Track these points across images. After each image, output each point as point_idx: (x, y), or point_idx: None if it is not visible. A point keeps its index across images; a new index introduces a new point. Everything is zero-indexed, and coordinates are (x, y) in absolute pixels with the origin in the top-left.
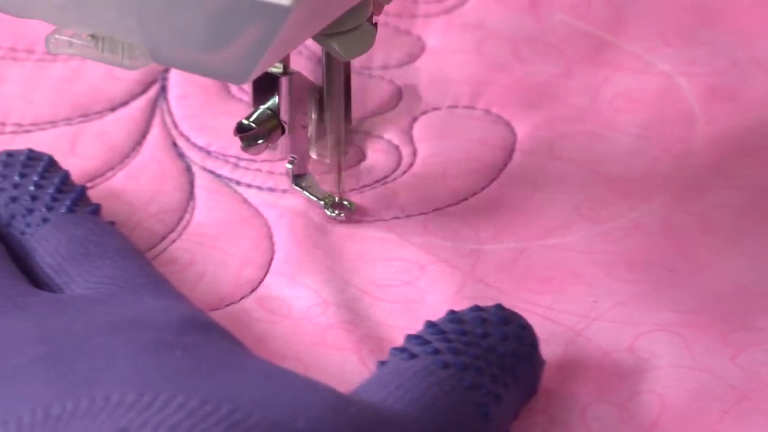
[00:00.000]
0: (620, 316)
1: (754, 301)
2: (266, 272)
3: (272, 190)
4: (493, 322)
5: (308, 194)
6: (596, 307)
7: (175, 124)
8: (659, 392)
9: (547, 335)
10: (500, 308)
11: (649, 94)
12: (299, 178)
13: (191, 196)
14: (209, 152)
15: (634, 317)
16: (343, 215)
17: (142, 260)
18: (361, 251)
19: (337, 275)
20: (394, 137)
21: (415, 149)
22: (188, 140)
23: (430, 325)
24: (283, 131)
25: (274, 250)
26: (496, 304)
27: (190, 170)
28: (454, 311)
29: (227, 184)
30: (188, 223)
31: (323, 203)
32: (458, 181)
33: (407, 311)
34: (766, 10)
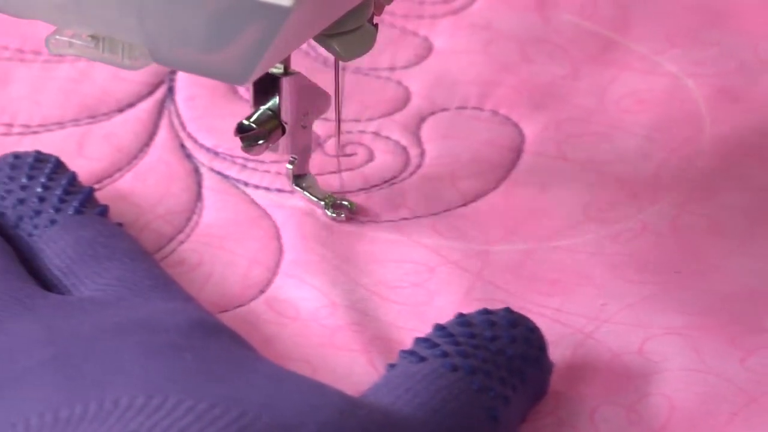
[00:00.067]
0: (629, 318)
1: (763, 302)
2: (274, 274)
3: (280, 191)
4: (501, 325)
5: (308, 194)
6: (605, 309)
7: (182, 125)
8: (668, 395)
9: (556, 338)
10: (509, 311)
11: (656, 94)
12: (299, 178)
13: (199, 197)
14: (217, 153)
15: (643, 320)
16: (343, 215)
17: (150, 262)
18: (369, 252)
19: (345, 276)
20: (401, 138)
21: (423, 150)
22: (196, 141)
23: (438, 328)
24: (283, 132)
25: (282, 251)
26: (504, 307)
27: (197, 171)
28: (462, 314)
29: (235, 185)
30: (196, 224)
31: (323, 203)
32: (466, 182)
33: (416, 313)
34: None
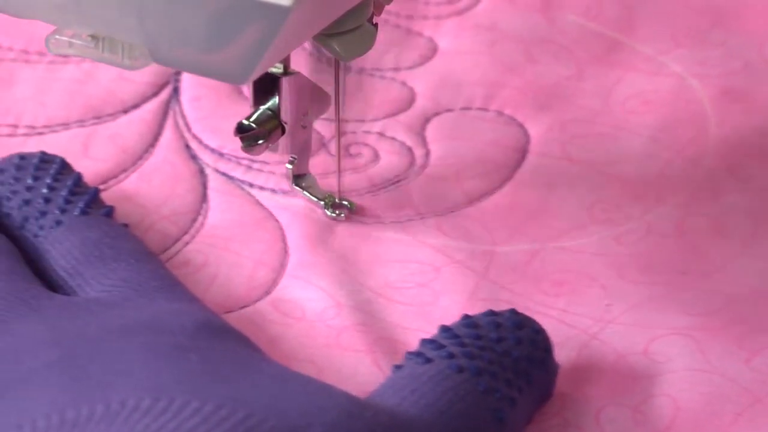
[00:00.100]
0: (634, 319)
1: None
2: (280, 274)
3: (285, 192)
4: (507, 326)
5: (308, 194)
6: (610, 310)
7: (187, 126)
8: (673, 395)
9: (561, 339)
10: (514, 312)
11: (661, 95)
12: (299, 178)
13: (204, 198)
14: (222, 154)
15: (648, 320)
16: (343, 215)
17: (156, 263)
18: (375, 253)
19: (350, 277)
20: (406, 139)
21: (428, 151)
22: (201, 142)
23: (444, 329)
24: (283, 131)
25: (287, 252)
26: (510, 308)
27: (203, 172)
28: (468, 315)
29: (240, 186)
30: (201, 225)
31: (323, 203)
32: (471, 182)
33: (421, 313)
34: None
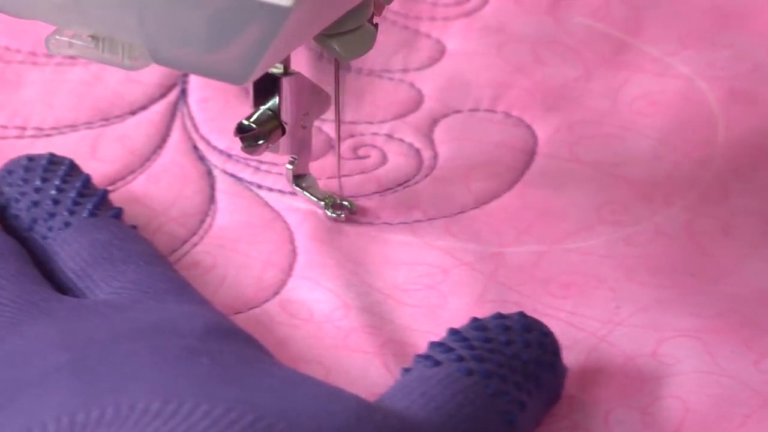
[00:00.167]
0: (643, 321)
1: None
2: (288, 276)
3: (294, 194)
4: (516, 329)
5: (308, 194)
6: (619, 312)
7: (195, 127)
8: (682, 397)
9: (570, 341)
10: (523, 315)
11: (669, 97)
12: (299, 178)
13: (212, 199)
14: (230, 155)
15: (656, 323)
16: (343, 215)
17: (165, 265)
18: (383, 255)
19: (359, 279)
20: (414, 140)
21: (436, 152)
22: (208, 143)
23: (453, 332)
24: (283, 132)
25: (296, 253)
26: (518, 311)
27: (210, 174)
28: (477, 318)
29: (248, 187)
30: (210, 226)
31: (323, 204)
32: (479, 184)
33: (430, 315)
34: None
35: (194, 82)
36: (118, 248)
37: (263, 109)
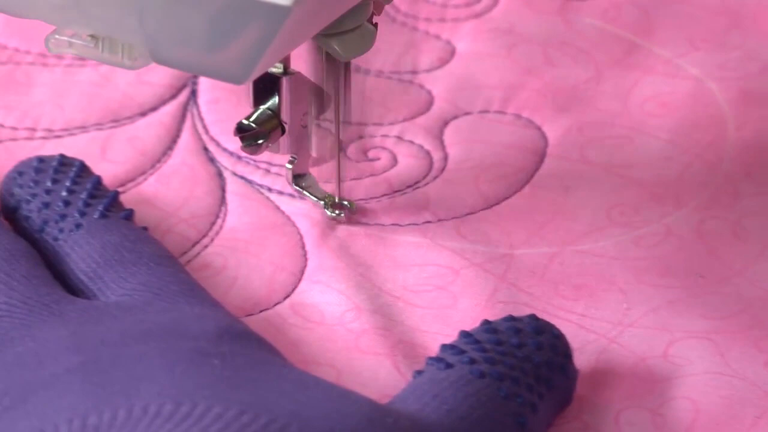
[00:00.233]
0: (653, 322)
1: None
2: (299, 278)
3: (303, 197)
4: (527, 332)
5: (308, 194)
6: (629, 314)
7: (205, 128)
8: (693, 398)
9: (580, 343)
10: (534, 318)
11: (679, 98)
12: (299, 178)
13: (223, 201)
14: (240, 157)
15: (667, 324)
16: (343, 215)
17: (176, 266)
18: (393, 256)
19: (369, 281)
20: (425, 142)
21: (446, 154)
22: (219, 145)
23: (465, 335)
24: (283, 131)
25: (306, 256)
26: (529, 314)
27: (221, 175)
28: (488, 321)
29: (258, 190)
30: (220, 228)
31: (323, 203)
32: (490, 185)
33: (441, 316)
34: None
35: (204, 83)
36: (129, 250)
37: (263, 108)
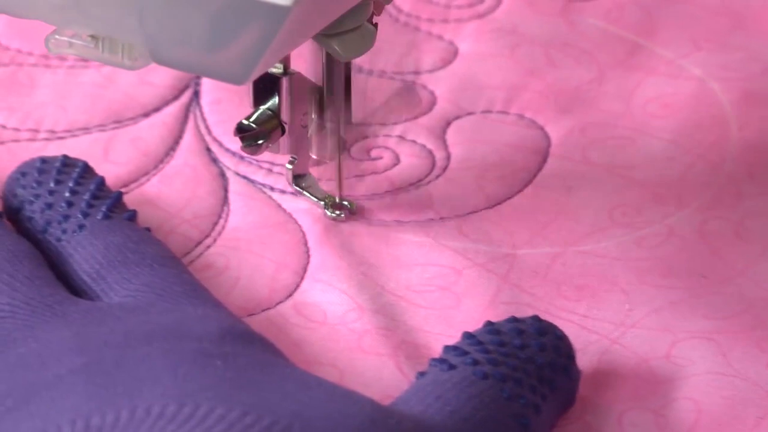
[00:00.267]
0: (656, 323)
1: None
2: (302, 278)
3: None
4: (530, 333)
5: (308, 194)
6: (632, 314)
7: (208, 129)
8: (695, 399)
9: (583, 344)
10: (537, 319)
11: (682, 98)
12: (299, 178)
13: (225, 201)
14: (242, 157)
15: (669, 324)
16: (343, 215)
17: (179, 267)
18: (395, 256)
19: (372, 281)
20: (427, 142)
21: (448, 153)
22: (221, 145)
23: (467, 336)
24: (283, 131)
25: (309, 255)
26: (532, 315)
27: (223, 175)
28: (491, 322)
29: (261, 189)
30: (223, 228)
31: (323, 203)
32: (492, 185)
33: (443, 317)
34: None
35: (207, 84)
36: (132, 251)
37: (263, 108)
